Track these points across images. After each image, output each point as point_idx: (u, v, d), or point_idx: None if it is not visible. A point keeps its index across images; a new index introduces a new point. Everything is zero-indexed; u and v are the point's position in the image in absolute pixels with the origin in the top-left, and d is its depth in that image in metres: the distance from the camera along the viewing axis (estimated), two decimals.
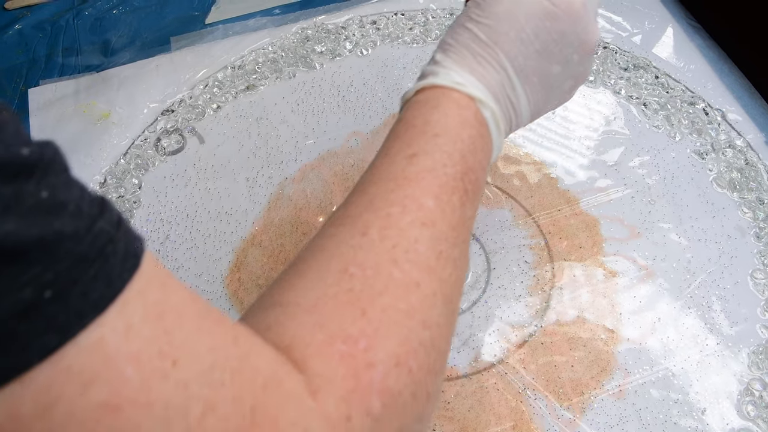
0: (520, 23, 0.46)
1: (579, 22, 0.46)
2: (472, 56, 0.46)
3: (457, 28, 0.48)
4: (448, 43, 0.48)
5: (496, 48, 0.46)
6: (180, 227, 0.73)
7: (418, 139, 0.44)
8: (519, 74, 0.47)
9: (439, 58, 0.48)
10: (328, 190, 0.74)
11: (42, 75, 0.88)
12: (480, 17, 0.47)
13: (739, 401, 0.60)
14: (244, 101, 0.83)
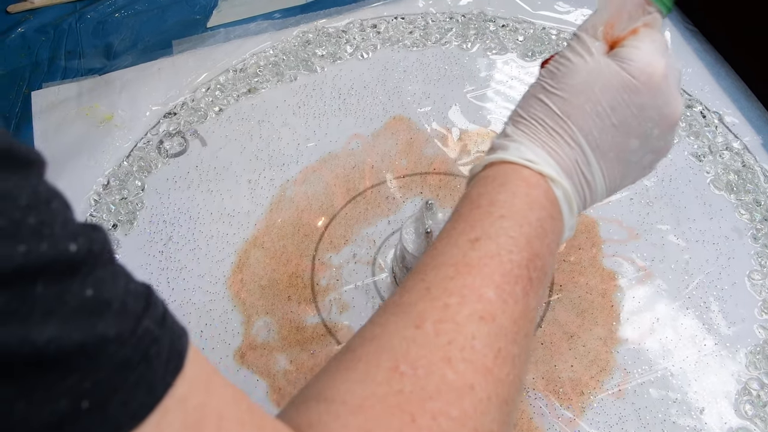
0: (596, 96, 0.43)
1: (660, 95, 0.44)
2: (545, 130, 0.44)
3: (529, 98, 0.46)
4: (519, 116, 0.46)
5: (570, 122, 0.44)
6: (183, 229, 0.74)
7: (482, 222, 0.42)
8: (594, 150, 0.44)
9: (510, 131, 0.46)
10: (330, 192, 0.75)
11: (45, 78, 0.89)
12: (554, 89, 0.45)
13: (736, 400, 0.61)
14: (245, 104, 0.84)
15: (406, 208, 0.73)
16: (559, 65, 0.45)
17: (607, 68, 0.44)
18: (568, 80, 0.44)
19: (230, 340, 0.66)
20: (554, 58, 0.47)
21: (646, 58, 0.43)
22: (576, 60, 0.44)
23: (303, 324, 0.67)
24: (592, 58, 0.44)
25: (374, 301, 0.68)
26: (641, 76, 0.43)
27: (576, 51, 0.45)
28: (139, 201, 0.76)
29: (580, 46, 0.45)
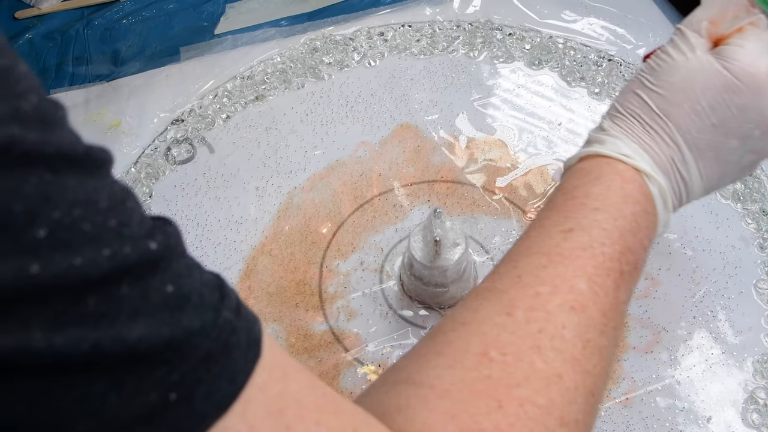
0: (696, 95, 0.43)
1: (762, 96, 0.43)
2: (642, 126, 0.45)
3: (627, 94, 0.47)
4: (616, 110, 0.47)
5: (668, 120, 0.44)
6: (190, 236, 0.74)
7: (576, 213, 0.42)
8: (691, 148, 0.44)
9: (607, 125, 0.47)
10: (337, 200, 0.75)
11: (52, 84, 0.89)
12: (653, 85, 0.45)
13: (743, 409, 0.61)
14: (253, 111, 0.84)
15: (414, 216, 0.74)
16: (659, 61, 0.45)
17: (708, 67, 0.43)
18: (668, 77, 0.44)
19: None
20: (656, 53, 0.47)
21: (749, 57, 0.43)
22: (677, 57, 0.44)
23: (311, 331, 0.67)
24: (694, 56, 0.44)
25: (382, 309, 0.68)
26: (744, 77, 0.43)
27: (678, 47, 0.45)
28: (146, 208, 0.76)
29: (682, 42, 0.45)
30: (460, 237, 0.63)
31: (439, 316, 0.67)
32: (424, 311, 0.67)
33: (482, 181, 0.76)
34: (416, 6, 0.92)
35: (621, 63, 0.85)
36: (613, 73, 0.84)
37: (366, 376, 0.64)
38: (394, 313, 0.68)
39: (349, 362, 0.65)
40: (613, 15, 0.90)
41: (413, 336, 0.66)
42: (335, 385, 0.64)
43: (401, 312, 0.68)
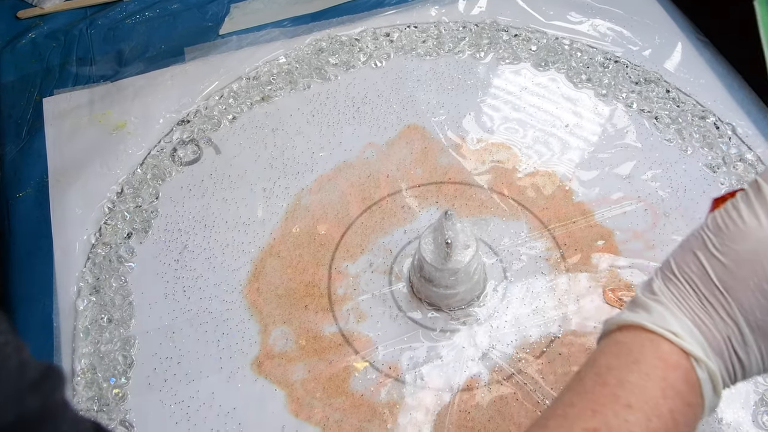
0: (765, 271, 0.38)
1: None
2: (698, 298, 0.39)
3: (687, 252, 0.41)
4: (671, 271, 0.41)
5: (729, 295, 0.38)
6: (198, 237, 0.74)
7: (605, 408, 0.38)
8: (754, 330, 0.39)
9: (657, 287, 0.41)
10: (345, 201, 0.75)
11: (56, 84, 0.89)
12: (716, 251, 0.39)
13: (754, 411, 0.61)
14: (259, 112, 0.84)
15: (422, 218, 0.74)
16: (728, 220, 0.40)
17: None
18: (734, 244, 0.39)
19: (247, 350, 0.67)
20: (725, 206, 0.41)
21: None
22: (749, 220, 0.39)
23: (320, 333, 0.67)
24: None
25: (391, 311, 0.68)
26: None
27: (752, 206, 0.39)
28: (153, 209, 0.76)
29: (757, 202, 0.39)
30: (470, 239, 0.63)
31: (448, 318, 0.67)
32: (433, 313, 0.67)
33: (490, 182, 0.76)
34: (422, 7, 0.93)
35: (627, 65, 0.85)
36: (619, 74, 0.84)
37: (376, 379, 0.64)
38: (404, 315, 0.68)
39: (360, 364, 0.65)
40: (619, 17, 0.91)
41: (423, 338, 0.66)
42: (345, 388, 0.64)
43: (411, 314, 0.68)
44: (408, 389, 0.64)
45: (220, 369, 0.66)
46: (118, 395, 0.65)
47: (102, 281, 0.71)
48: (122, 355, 0.67)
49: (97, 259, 0.73)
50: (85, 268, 0.72)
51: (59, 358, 0.67)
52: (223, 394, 0.64)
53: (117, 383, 0.65)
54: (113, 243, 0.74)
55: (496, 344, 0.66)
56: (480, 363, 0.65)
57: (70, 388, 0.65)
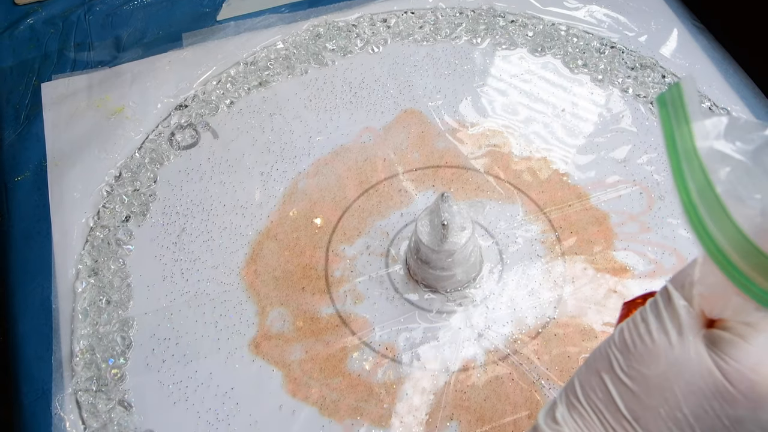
0: (676, 398, 0.34)
1: (766, 408, 0.32)
2: (603, 429, 0.36)
3: (592, 374, 0.37)
4: (576, 396, 0.37)
5: (639, 427, 0.35)
6: (196, 220, 0.74)
7: None
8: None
9: (560, 416, 0.37)
10: (342, 185, 0.75)
11: (54, 70, 0.89)
12: (623, 374, 0.35)
13: None
14: (256, 97, 0.84)
15: (419, 201, 0.74)
16: (636, 337, 0.36)
17: (697, 362, 0.33)
18: (643, 367, 0.35)
19: (245, 331, 0.67)
20: (633, 318, 0.36)
21: (752, 359, 0.32)
22: (658, 338, 0.35)
23: (317, 315, 0.67)
24: (680, 342, 0.34)
25: (388, 292, 0.68)
26: (741, 384, 0.32)
27: (662, 321, 0.35)
28: (151, 193, 0.76)
29: (668, 315, 0.35)
30: (467, 221, 0.63)
31: (444, 299, 0.67)
32: (430, 295, 0.67)
33: (486, 166, 0.76)
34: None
35: (623, 50, 0.85)
36: (615, 60, 0.84)
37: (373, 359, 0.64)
38: (401, 296, 0.68)
39: (357, 345, 0.65)
40: (615, 3, 0.90)
41: (420, 319, 0.66)
42: (342, 368, 0.64)
43: (407, 296, 0.68)
44: (404, 370, 0.64)
45: (218, 350, 0.66)
46: (116, 376, 0.65)
47: (100, 264, 0.71)
48: (121, 337, 0.67)
49: (96, 241, 0.73)
50: (84, 251, 0.72)
51: (58, 340, 0.67)
52: (220, 375, 0.64)
53: (115, 364, 0.65)
54: (111, 226, 0.74)
55: (492, 325, 0.66)
56: (476, 344, 0.65)
57: (68, 369, 0.65)
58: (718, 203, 0.30)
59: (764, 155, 0.31)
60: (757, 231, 0.30)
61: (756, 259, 0.30)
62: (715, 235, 0.31)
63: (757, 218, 0.30)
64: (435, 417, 0.61)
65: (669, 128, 0.32)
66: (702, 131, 0.31)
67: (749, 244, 0.30)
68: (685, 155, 0.31)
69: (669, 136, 0.32)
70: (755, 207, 0.30)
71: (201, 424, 0.62)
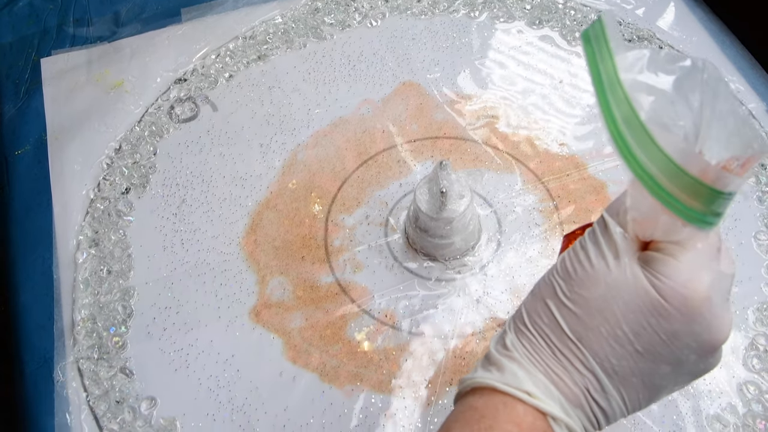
0: (616, 317, 0.35)
1: (698, 320, 0.34)
2: (551, 351, 0.37)
3: (537, 301, 0.38)
4: (523, 323, 0.38)
5: (582, 345, 0.36)
6: (196, 191, 0.74)
7: None
8: (611, 376, 0.36)
9: (510, 342, 0.38)
10: (341, 156, 0.75)
11: (53, 45, 0.88)
12: (566, 299, 0.37)
13: (744, 355, 0.61)
14: (255, 70, 0.84)
15: (418, 172, 0.73)
16: (576, 264, 0.37)
17: (633, 283, 0.35)
18: (584, 291, 0.36)
19: (245, 299, 0.67)
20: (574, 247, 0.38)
21: (684, 275, 0.34)
22: (597, 263, 0.36)
23: (317, 283, 0.67)
24: (617, 265, 0.35)
25: (387, 261, 0.68)
26: (675, 299, 0.34)
27: (600, 248, 0.36)
28: (151, 165, 0.76)
29: (605, 241, 0.36)
30: (465, 189, 0.63)
31: (443, 268, 0.67)
32: (429, 263, 0.67)
33: (485, 137, 0.76)
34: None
35: (620, 23, 0.84)
36: None
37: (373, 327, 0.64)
38: (400, 265, 0.68)
39: (356, 313, 0.65)
40: None
41: (419, 287, 0.66)
42: (342, 335, 0.64)
43: (406, 264, 0.68)
44: (404, 337, 0.64)
45: (218, 318, 0.66)
46: (117, 344, 0.65)
47: (101, 234, 0.71)
48: (122, 306, 0.67)
49: (96, 213, 0.72)
50: (84, 222, 0.72)
51: (59, 309, 0.67)
52: (221, 342, 0.64)
53: (117, 332, 0.65)
54: (112, 198, 0.73)
55: (490, 292, 0.66)
56: (474, 311, 0.65)
57: (70, 338, 0.65)
58: (644, 130, 0.32)
59: (685, 84, 0.32)
60: (680, 154, 0.32)
61: (680, 179, 0.32)
62: (642, 160, 0.32)
63: (681, 143, 0.32)
64: (434, 383, 0.61)
65: (594, 62, 0.34)
66: (625, 64, 0.33)
67: (674, 165, 0.32)
68: (610, 87, 0.33)
69: (594, 70, 0.34)
70: (678, 132, 0.32)
71: (202, 391, 0.62)
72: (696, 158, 0.32)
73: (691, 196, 0.32)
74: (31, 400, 0.63)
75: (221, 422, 0.60)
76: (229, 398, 0.61)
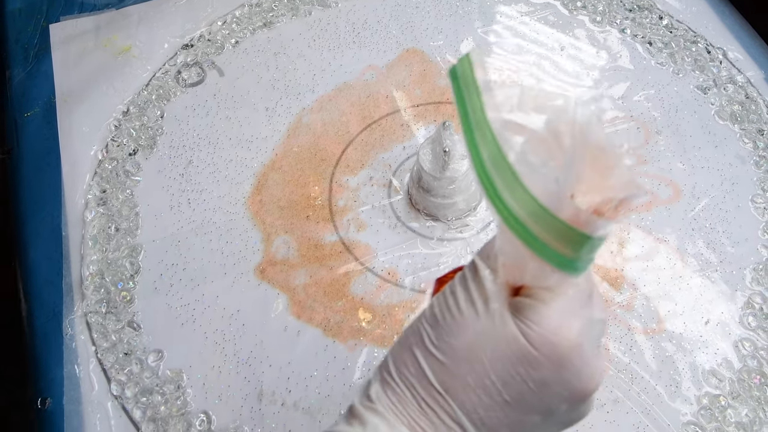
0: (484, 367, 0.33)
1: (568, 368, 0.33)
2: (416, 403, 0.34)
3: (404, 350, 0.35)
4: (389, 373, 0.35)
5: (449, 397, 0.33)
6: (202, 153, 0.73)
7: None
8: (480, 428, 0.34)
9: (374, 393, 0.35)
10: (345, 120, 0.75)
11: (62, 12, 0.87)
12: (433, 347, 0.34)
13: (741, 313, 0.61)
14: (261, 37, 0.83)
15: (421, 135, 0.73)
16: (445, 310, 0.34)
17: (501, 330, 0.33)
18: (451, 339, 0.33)
19: (250, 257, 0.66)
20: (443, 292, 0.35)
21: (553, 322, 0.32)
22: (465, 309, 0.34)
23: (321, 242, 0.67)
24: (486, 311, 0.33)
25: (390, 221, 0.68)
26: (544, 347, 0.32)
27: (469, 293, 0.34)
28: (158, 127, 0.75)
29: (475, 287, 0.34)
30: None
31: (446, 227, 0.67)
32: (431, 223, 0.67)
33: None
34: None
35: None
36: (614, 1, 0.83)
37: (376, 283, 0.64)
38: (402, 224, 0.67)
39: (360, 270, 0.65)
40: None
41: (421, 246, 0.66)
42: (346, 292, 0.64)
43: (409, 224, 0.67)
44: (406, 293, 0.64)
45: (224, 275, 0.66)
46: (125, 298, 0.64)
47: (109, 194, 0.71)
48: (129, 262, 0.66)
49: (104, 173, 0.72)
50: (93, 182, 0.72)
51: (68, 265, 0.67)
52: (227, 298, 0.64)
53: (124, 287, 0.65)
54: (120, 158, 0.73)
55: None
56: None
57: (79, 293, 0.65)
58: (510, 170, 0.30)
59: (557, 124, 0.30)
60: (548, 196, 0.29)
61: (547, 222, 0.29)
62: (509, 202, 0.30)
63: (550, 185, 0.29)
64: None
65: (461, 100, 0.32)
66: (493, 102, 0.31)
67: (540, 208, 0.29)
68: (477, 126, 0.31)
69: (461, 108, 0.32)
70: (549, 174, 0.30)
71: (208, 344, 0.62)
72: (565, 201, 0.29)
73: (559, 241, 0.30)
74: (41, 352, 0.63)
75: (227, 374, 0.60)
76: (234, 351, 0.61)
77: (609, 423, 0.57)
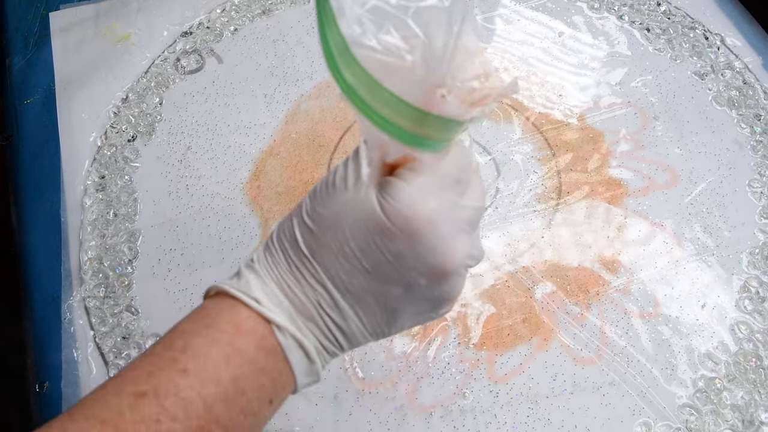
0: (345, 234, 0.35)
1: (421, 243, 0.34)
2: (287, 265, 0.36)
3: (286, 220, 0.38)
4: (271, 240, 0.38)
5: (314, 260, 0.36)
6: (201, 139, 0.73)
7: (160, 372, 0.34)
8: (344, 293, 0.36)
9: (256, 257, 0.38)
10: (343, 106, 0.74)
11: (62, 0, 0.87)
12: (307, 216, 0.36)
13: (737, 297, 0.60)
14: (260, 24, 0.82)
15: None
16: (323, 185, 0.37)
17: (363, 203, 0.34)
18: (321, 209, 0.36)
19: (248, 242, 0.66)
20: (329, 171, 0.38)
21: (409, 198, 0.34)
22: (339, 184, 0.35)
23: None
24: (355, 186, 0.35)
25: None
26: (397, 219, 0.34)
27: (347, 171, 0.36)
28: (157, 114, 0.75)
29: (351, 165, 0.36)
30: (464, 136, 0.61)
31: None
32: None
33: None
34: None
35: None
36: None
37: None
38: None
39: None
40: None
41: None
42: None
43: None
44: None
45: (222, 260, 0.65)
46: (124, 283, 0.64)
47: (108, 179, 0.70)
48: (128, 247, 0.66)
49: (103, 159, 0.71)
50: (92, 168, 0.71)
51: (67, 250, 0.66)
52: None
53: (123, 272, 0.64)
54: (118, 144, 0.72)
55: (489, 236, 0.64)
56: None
57: (77, 278, 0.64)
58: (346, 47, 0.30)
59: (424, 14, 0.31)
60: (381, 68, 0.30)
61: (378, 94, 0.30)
62: (350, 80, 0.31)
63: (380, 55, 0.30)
64: (434, 323, 0.60)
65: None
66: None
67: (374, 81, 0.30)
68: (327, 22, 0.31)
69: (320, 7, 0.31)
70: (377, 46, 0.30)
71: None
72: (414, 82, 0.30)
73: (399, 116, 0.31)
74: (39, 336, 0.62)
75: None
76: None
77: (605, 406, 0.56)
